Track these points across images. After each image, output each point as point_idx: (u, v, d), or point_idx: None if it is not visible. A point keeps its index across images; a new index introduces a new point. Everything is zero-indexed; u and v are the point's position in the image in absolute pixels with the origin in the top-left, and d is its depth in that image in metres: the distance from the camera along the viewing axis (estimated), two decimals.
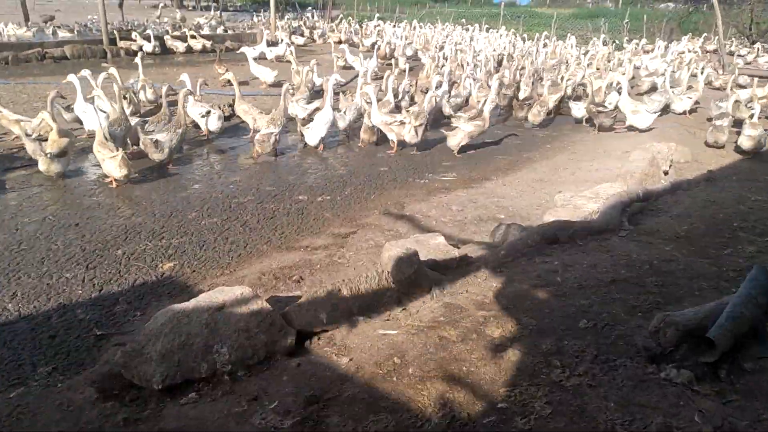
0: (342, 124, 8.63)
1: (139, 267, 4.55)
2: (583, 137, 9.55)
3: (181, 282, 4.36)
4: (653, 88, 12.77)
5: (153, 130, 7.20)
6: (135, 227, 5.29)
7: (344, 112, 8.66)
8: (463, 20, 28.99)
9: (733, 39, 26.55)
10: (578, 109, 10.23)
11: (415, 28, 25.35)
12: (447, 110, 9.98)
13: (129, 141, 7.38)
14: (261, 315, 3.32)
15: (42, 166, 6.35)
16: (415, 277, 3.79)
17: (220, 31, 21.65)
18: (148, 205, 5.85)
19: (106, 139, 6.32)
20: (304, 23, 28.77)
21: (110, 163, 6.20)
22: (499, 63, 15.65)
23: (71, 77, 7.66)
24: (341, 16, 31.18)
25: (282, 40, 18.24)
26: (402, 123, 7.97)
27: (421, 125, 7.95)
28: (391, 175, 7.22)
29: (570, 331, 3.41)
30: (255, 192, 6.35)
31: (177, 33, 19.10)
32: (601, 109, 9.66)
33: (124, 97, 9.19)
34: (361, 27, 26.68)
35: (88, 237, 5.06)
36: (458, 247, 4.76)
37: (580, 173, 7.05)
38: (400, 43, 18.76)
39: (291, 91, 9.09)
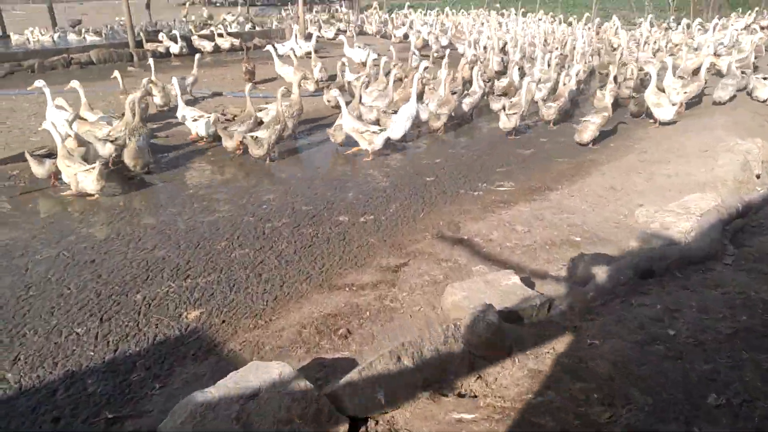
0: (424, 116, 8.58)
1: (160, 318, 3.91)
2: (647, 132, 8.60)
3: (208, 337, 3.71)
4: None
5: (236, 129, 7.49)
6: (157, 263, 4.66)
7: (427, 104, 8.80)
8: (497, 5, 27.87)
9: None
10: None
11: (447, 15, 24.39)
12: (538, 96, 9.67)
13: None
14: (305, 400, 2.64)
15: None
16: (492, 338, 3.06)
17: (248, 28, 21.06)
18: (173, 234, 5.22)
19: (75, 152, 6.11)
20: (333, 15, 28.05)
21: (85, 177, 5.86)
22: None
23: (38, 83, 7.26)
24: (375, 5, 30.29)
25: (312, 35, 17.55)
26: (374, 133, 7.19)
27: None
28: (440, 186, 6.46)
29: (698, 411, 2.65)
30: (290, 213, 5.67)
31: (204, 32, 18.58)
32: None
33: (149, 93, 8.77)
34: (391, 18, 25.82)
35: (105, 277, 4.45)
36: (533, 285, 3.99)
37: (658, 179, 6.17)
38: (428, 33, 17.89)
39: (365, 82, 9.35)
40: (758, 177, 5.91)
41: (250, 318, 3.90)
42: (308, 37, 17.99)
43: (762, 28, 22.20)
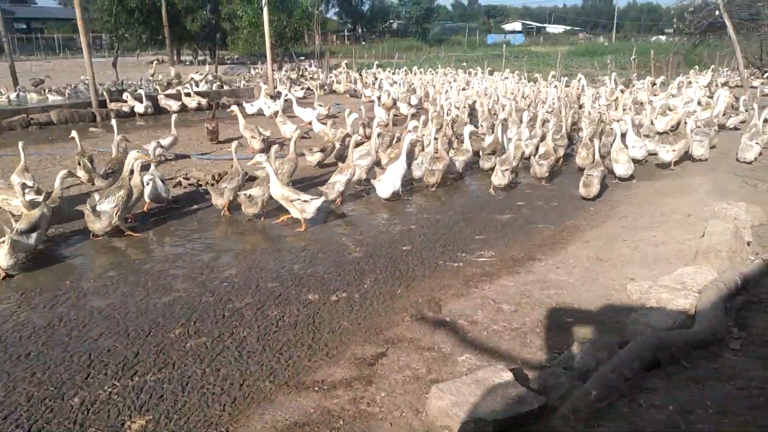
0: (418, 173, 8.88)
1: (98, 429, 3.34)
2: (625, 194, 8.40)
3: None
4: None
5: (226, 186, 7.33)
6: (102, 356, 4.10)
7: (420, 162, 8.88)
8: (464, 63, 28.39)
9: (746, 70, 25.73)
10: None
11: (415, 74, 24.65)
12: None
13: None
14: None
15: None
16: None
17: (215, 87, 20.86)
18: (122, 319, 4.67)
19: None
20: (303, 75, 28.15)
21: None
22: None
23: None
24: (344, 64, 30.58)
25: (280, 94, 17.39)
26: (306, 201, 6.71)
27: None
28: (417, 256, 6.05)
29: None
30: (254, 291, 5.17)
31: (171, 91, 18.29)
32: None
33: (78, 164, 8.22)
34: (361, 76, 26.01)
35: (40, 376, 3.87)
36: (527, 379, 3.55)
37: (644, 248, 5.87)
38: (396, 92, 17.93)
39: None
40: (749, 245, 5.65)
41: (203, 428, 3.35)
42: (277, 96, 17.85)
43: (722, 85, 22.95)
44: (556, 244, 6.35)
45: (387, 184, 7.95)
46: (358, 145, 9.40)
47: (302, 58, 41.64)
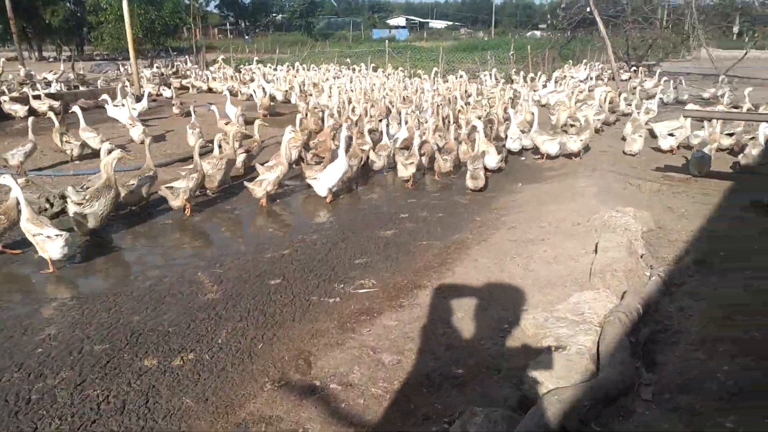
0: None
1: None
2: (512, 200, 7.99)
3: None
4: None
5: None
6: None
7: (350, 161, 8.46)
8: (348, 60, 27.64)
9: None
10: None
11: (297, 71, 23.57)
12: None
13: None
14: None
15: None
16: None
17: (73, 87, 18.70)
18: None
19: None
20: (176, 71, 26.14)
21: None
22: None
23: None
24: (220, 60, 28.79)
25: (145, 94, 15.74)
26: (49, 237, 5.40)
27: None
28: (287, 291, 5.18)
29: None
30: (75, 359, 4.07)
31: (16, 94, 16.03)
32: None
33: None
34: (239, 72, 24.54)
35: None
36: None
37: (536, 266, 5.36)
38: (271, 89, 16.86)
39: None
40: (642, 257, 5.30)
41: None
42: (141, 97, 16.19)
43: (596, 79, 23.89)
44: (442, 264, 5.71)
45: (324, 183, 7.86)
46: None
47: (174, 53, 39.09)
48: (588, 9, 20.89)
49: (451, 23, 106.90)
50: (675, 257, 5.49)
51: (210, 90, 21.12)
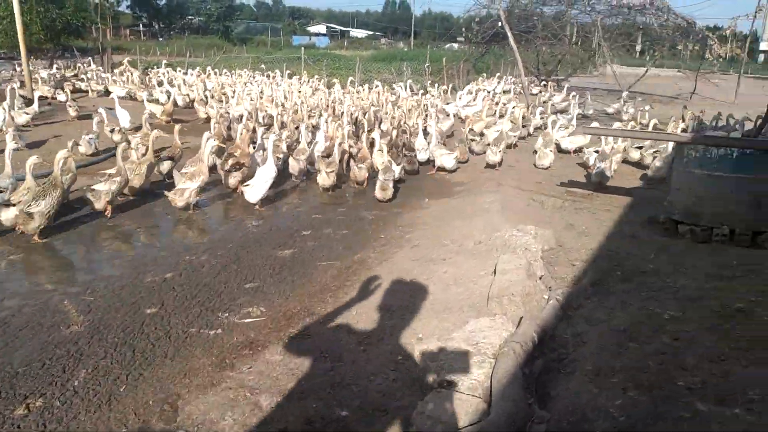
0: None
1: None
2: (418, 216, 7.79)
3: None
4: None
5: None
6: None
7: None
8: (263, 66, 26.92)
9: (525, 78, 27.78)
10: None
11: (209, 75, 22.68)
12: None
13: None
14: None
15: None
16: None
17: None
18: None
19: None
20: (76, 74, 24.52)
21: None
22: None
23: None
24: (126, 62, 27.29)
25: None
26: None
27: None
28: (164, 323, 4.67)
29: None
30: None
31: None
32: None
33: None
34: (146, 75, 23.35)
35: None
36: None
37: (435, 289, 5.13)
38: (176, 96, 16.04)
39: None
40: (541, 278, 5.19)
41: None
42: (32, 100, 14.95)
43: (504, 93, 24.43)
44: (340, 288, 5.38)
45: (257, 190, 7.84)
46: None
47: (78, 54, 36.85)
48: (500, 24, 21.29)
49: (371, 33, 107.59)
50: (574, 278, 5.42)
51: (109, 93, 19.87)
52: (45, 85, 19.38)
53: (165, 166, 8.84)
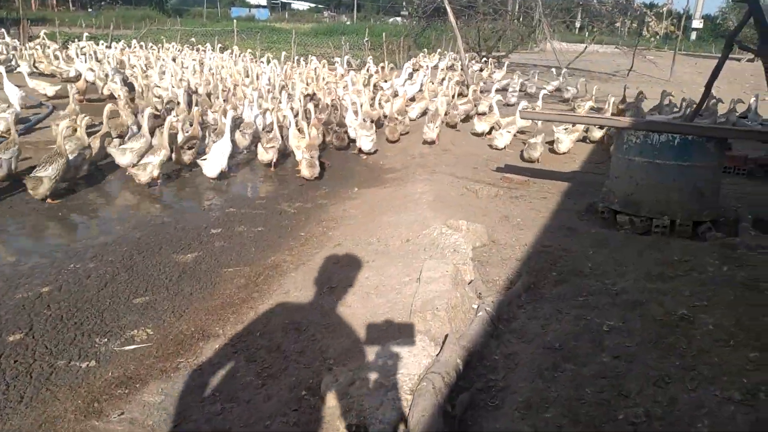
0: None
1: None
2: (343, 209, 7.15)
3: None
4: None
5: None
6: None
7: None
8: (193, 39, 25.47)
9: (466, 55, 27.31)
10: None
11: (134, 50, 21.19)
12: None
13: None
14: None
15: None
16: None
17: None
18: None
19: None
20: None
21: None
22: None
23: None
24: (43, 34, 25.25)
25: None
26: None
27: None
28: (28, 353, 3.88)
29: None
30: None
31: None
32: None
33: None
34: (65, 49, 21.59)
35: None
36: None
37: (354, 301, 4.52)
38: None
39: None
40: (470, 284, 4.67)
41: None
42: None
43: (448, 69, 23.89)
44: (245, 301, 4.71)
45: (214, 164, 7.93)
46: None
47: None
48: None
49: (314, 5, 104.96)
50: (506, 280, 4.93)
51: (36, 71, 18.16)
52: None
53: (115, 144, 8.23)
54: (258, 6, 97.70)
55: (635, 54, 25.49)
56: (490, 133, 11.14)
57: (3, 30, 28.50)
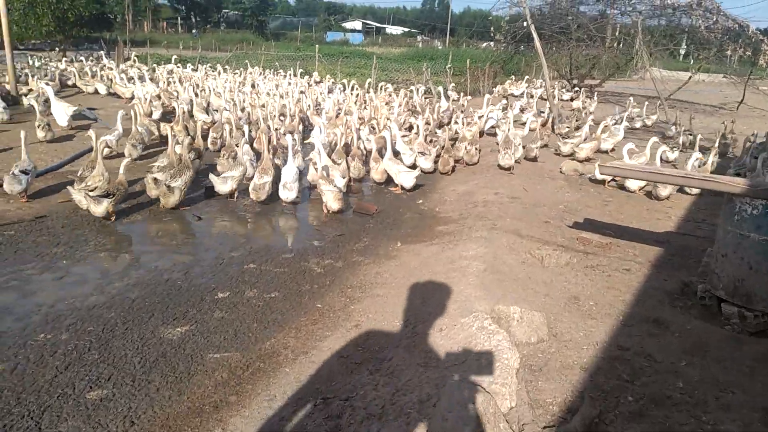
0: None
1: None
2: (378, 272, 6.03)
3: None
4: None
5: None
6: None
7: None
8: (276, 64, 25.49)
9: (555, 82, 25.69)
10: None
11: (219, 74, 21.26)
12: None
13: None
14: None
15: None
16: None
17: None
18: None
19: None
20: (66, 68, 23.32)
21: None
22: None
23: None
24: (134, 56, 26.20)
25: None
26: None
27: None
28: None
29: None
30: None
31: None
32: None
33: None
34: (153, 71, 22.06)
35: None
36: None
37: (353, 426, 3.42)
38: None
39: None
40: (510, 411, 3.44)
41: None
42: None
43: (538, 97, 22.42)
44: (217, 409, 3.68)
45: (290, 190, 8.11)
46: None
47: (104, 47, 36.03)
48: (525, 23, 19.35)
49: (407, 30, 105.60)
50: (563, 404, 3.65)
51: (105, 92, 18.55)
52: (45, 79, 18.10)
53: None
54: (353, 30, 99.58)
55: (746, 85, 22.90)
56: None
57: (102, 52, 29.96)
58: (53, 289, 5.32)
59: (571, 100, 22.50)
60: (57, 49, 29.27)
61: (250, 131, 10.21)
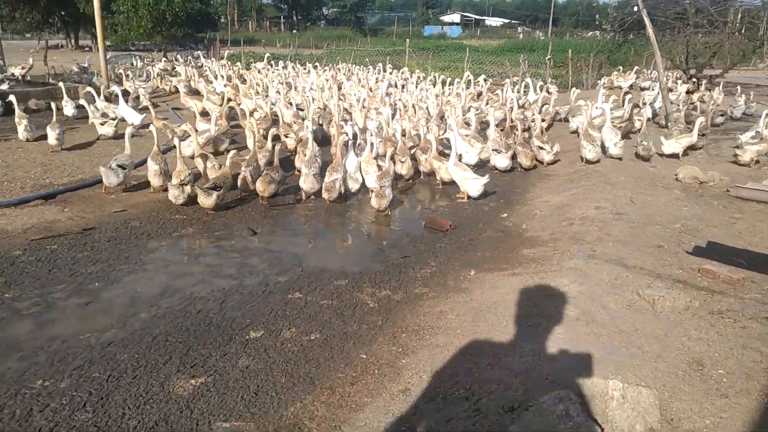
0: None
1: None
2: (442, 310, 4.98)
3: None
4: None
5: None
6: None
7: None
8: (366, 60, 24.81)
9: (669, 73, 23.18)
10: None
11: (309, 72, 20.88)
12: None
13: None
14: None
15: None
16: None
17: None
18: None
19: None
20: (167, 68, 23.86)
21: None
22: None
23: None
24: (227, 55, 26.48)
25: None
26: None
27: None
28: None
29: None
30: None
31: None
32: None
33: None
34: (247, 71, 22.09)
35: None
36: None
37: None
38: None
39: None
40: None
41: None
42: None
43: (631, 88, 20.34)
44: None
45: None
46: None
47: (201, 47, 37.17)
48: (636, 8, 17.36)
49: (508, 21, 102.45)
50: None
51: (197, 92, 18.60)
52: (127, 80, 18.45)
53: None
54: (451, 24, 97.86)
55: None
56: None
57: (199, 52, 30.66)
58: (73, 320, 4.73)
59: (689, 92, 20.11)
60: (158, 50, 30.36)
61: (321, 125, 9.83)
